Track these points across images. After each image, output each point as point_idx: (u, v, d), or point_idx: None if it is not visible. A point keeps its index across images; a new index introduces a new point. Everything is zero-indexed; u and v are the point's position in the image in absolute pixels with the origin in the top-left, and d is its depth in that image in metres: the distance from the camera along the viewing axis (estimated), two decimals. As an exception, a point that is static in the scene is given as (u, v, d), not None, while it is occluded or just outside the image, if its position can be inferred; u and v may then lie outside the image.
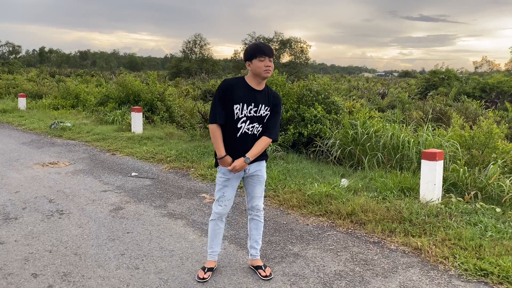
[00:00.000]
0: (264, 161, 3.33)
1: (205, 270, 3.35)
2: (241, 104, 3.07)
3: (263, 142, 3.13)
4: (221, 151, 3.10)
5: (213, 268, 3.42)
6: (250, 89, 3.11)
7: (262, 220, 3.44)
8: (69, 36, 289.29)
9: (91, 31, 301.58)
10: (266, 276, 3.31)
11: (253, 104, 3.09)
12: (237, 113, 3.07)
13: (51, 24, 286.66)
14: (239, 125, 3.09)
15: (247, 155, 3.08)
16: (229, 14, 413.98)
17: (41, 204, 5.09)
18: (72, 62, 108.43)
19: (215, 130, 3.10)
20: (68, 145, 9.04)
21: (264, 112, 3.14)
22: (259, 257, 3.47)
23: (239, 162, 3.08)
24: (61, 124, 11.06)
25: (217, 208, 3.33)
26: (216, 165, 3.24)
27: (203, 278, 3.29)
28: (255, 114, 3.11)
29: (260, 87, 3.15)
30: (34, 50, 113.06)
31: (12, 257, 3.68)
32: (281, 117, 3.21)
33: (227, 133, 3.12)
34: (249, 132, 3.11)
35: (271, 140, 3.17)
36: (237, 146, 3.11)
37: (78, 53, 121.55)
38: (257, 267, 3.40)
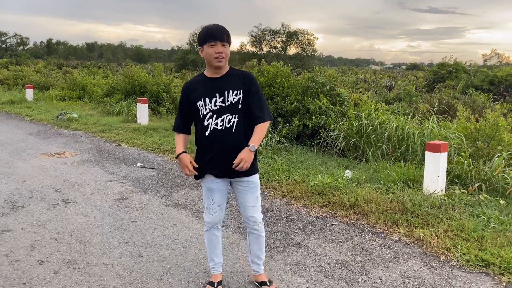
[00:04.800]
0: (254, 173, 2.89)
1: (215, 286, 3.02)
2: (203, 99, 2.75)
3: (261, 128, 2.74)
4: (178, 150, 2.86)
5: (222, 281, 3.10)
6: (210, 79, 2.78)
7: (263, 234, 2.99)
8: (76, 28, 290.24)
9: (98, 23, 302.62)
10: None
11: (217, 94, 2.73)
12: (201, 110, 2.75)
13: (58, 15, 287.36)
14: (206, 123, 2.75)
15: (250, 142, 2.69)
16: (236, 5, 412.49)
17: (47, 193, 5.16)
18: (79, 54, 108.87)
19: (175, 137, 2.93)
20: (74, 136, 9.12)
21: (234, 98, 2.73)
22: (262, 272, 3.08)
23: (245, 152, 2.67)
24: (68, 115, 11.15)
25: (208, 217, 2.94)
26: (197, 178, 2.91)
27: None
28: (223, 104, 2.73)
29: (219, 73, 2.77)
30: (41, 42, 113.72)
31: (18, 244, 3.75)
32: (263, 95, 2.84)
33: (199, 135, 2.85)
34: (218, 128, 2.72)
35: (267, 122, 2.78)
36: (208, 146, 2.78)
37: (85, 45, 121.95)
38: (262, 283, 3.03)
